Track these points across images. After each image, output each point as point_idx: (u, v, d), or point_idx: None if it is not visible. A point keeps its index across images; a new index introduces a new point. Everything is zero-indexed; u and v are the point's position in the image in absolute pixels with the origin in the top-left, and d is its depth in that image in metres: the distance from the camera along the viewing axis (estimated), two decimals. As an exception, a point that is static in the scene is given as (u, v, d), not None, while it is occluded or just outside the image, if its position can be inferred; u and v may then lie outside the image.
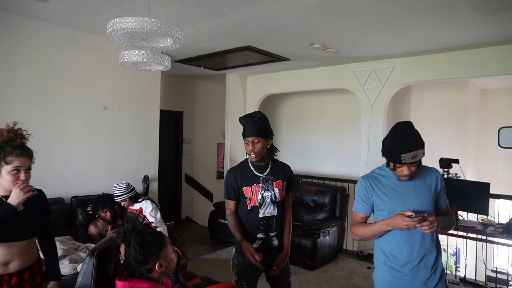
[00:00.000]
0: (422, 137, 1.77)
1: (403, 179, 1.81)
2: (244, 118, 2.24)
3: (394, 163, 1.76)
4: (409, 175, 1.76)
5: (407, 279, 1.81)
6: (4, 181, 1.71)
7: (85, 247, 3.27)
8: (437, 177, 1.91)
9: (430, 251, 1.82)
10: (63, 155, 3.84)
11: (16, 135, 1.77)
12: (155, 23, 2.07)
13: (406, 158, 1.69)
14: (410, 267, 1.80)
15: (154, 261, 1.51)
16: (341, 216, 5.03)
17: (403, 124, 1.80)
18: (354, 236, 1.94)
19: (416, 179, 1.84)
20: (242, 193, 2.24)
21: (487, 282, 4.26)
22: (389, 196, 1.83)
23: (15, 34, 3.49)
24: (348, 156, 6.23)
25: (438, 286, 1.83)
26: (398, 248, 1.82)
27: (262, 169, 2.25)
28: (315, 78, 5.56)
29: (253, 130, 2.14)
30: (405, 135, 1.73)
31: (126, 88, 4.45)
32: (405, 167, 1.74)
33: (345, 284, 4.02)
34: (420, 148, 1.72)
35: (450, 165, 4.30)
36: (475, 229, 3.73)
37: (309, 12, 3.24)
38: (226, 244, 5.22)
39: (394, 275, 1.84)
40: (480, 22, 3.36)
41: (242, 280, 2.22)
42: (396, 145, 1.74)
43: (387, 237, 1.84)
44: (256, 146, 2.15)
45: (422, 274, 1.80)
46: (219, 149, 7.43)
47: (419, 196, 1.81)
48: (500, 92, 6.48)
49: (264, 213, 2.22)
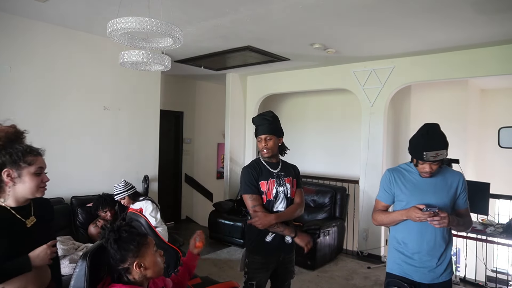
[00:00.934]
0: (447, 139, 1.92)
1: (424, 176, 1.97)
2: (257, 117, 2.36)
3: (417, 160, 1.93)
4: (430, 172, 1.92)
5: (415, 265, 2.00)
6: (25, 187, 1.44)
7: (85, 247, 3.27)
8: (459, 180, 2.04)
9: (439, 244, 1.98)
10: (63, 155, 3.84)
11: (18, 133, 1.53)
12: (155, 23, 2.07)
13: (428, 156, 1.85)
14: (418, 256, 1.98)
15: (131, 259, 1.39)
16: (341, 216, 5.03)
17: (430, 125, 1.98)
18: (374, 221, 2.16)
19: (437, 178, 2.00)
20: (259, 187, 2.27)
21: (487, 282, 4.27)
22: (409, 189, 2.01)
23: (15, 34, 3.49)
24: (348, 156, 6.22)
25: (443, 276, 1.99)
26: (409, 237, 2.01)
27: (274, 166, 2.32)
28: (315, 78, 5.56)
29: (265, 128, 2.26)
30: (430, 134, 1.92)
31: (126, 88, 4.45)
32: (427, 164, 1.90)
33: (345, 284, 4.02)
34: (443, 149, 1.87)
35: (450, 165, 4.29)
36: (475, 229, 3.73)
37: (309, 12, 3.24)
38: (226, 244, 5.22)
39: (403, 260, 2.03)
40: (480, 22, 3.36)
41: (252, 280, 2.22)
42: (420, 143, 1.91)
43: (401, 226, 2.03)
44: (268, 143, 2.25)
45: (429, 263, 1.98)
46: (219, 149, 7.43)
47: (436, 194, 1.97)
48: (500, 92, 6.48)
49: (277, 208, 2.25)
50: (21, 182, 1.43)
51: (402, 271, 2.04)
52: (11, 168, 1.43)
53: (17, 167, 1.43)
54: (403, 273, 2.04)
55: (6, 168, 1.42)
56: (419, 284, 2.01)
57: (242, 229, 5.01)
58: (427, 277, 1.99)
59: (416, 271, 2.00)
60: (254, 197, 2.22)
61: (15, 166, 1.43)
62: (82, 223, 3.67)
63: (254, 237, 2.25)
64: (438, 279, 2.00)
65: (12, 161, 1.43)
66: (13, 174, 1.43)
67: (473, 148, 6.18)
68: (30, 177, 1.44)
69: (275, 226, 2.18)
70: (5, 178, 1.42)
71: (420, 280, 2.00)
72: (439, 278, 2.00)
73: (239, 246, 5.09)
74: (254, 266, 2.23)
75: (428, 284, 2.00)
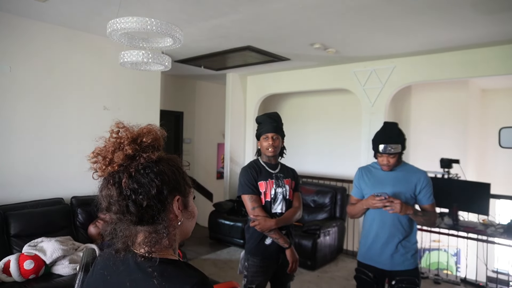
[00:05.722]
0: (404, 136, 2.20)
1: (384, 169, 2.24)
2: (263, 116, 2.39)
3: (375, 152, 2.23)
4: (387, 165, 2.19)
5: (376, 252, 2.23)
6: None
7: (85, 247, 3.27)
8: (420, 178, 2.21)
9: (399, 232, 2.19)
10: (63, 155, 3.84)
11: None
12: (155, 23, 2.07)
13: (383, 148, 2.14)
14: (379, 243, 2.21)
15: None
16: (342, 217, 5.03)
17: (388, 123, 2.30)
18: (348, 214, 2.45)
19: (398, 173, 2.24)
20: (258, 187, 2.26)
21: (488, 282, 4.26)
22: (372, 183, 2.29)
23: (15, 34, 3.49)
24: (348, 156, 6.22)
25: (405, 264, 2.18)
26: (372, 226, 2.26)
27: (273, 167, 2.32)
28: (315, 78, 5.56)
29: (273, 126, 2.29)
30: (387, 130, 2.21)
31: (126, 88, 4.45)
32: (384, 157, 2.18)
33: (345, 284, 4.01)
34: (397, 143, 2.14)
35: (451, 165, 4.30)
36: (475, 230, 3.72)
37: (309, 12, 3.23)
38: (226, 244, 5.22)
39: (368, 247, 2.27)
40: (480, 22, 3.35)
41: (252, 283, 2.21)
42: (377, 137, 2.22)
43: (368, 217, 2.30)
44: (275, 142, 2.28)
45: (388, 249, 2.19)
46: (219, 149, 7.43)
47: (395, 186, 2.20)
48: (501, 92, 6.47)
49: (276, 209, 2.24)
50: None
51: (367, 258, 2.28)
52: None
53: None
54: (368, 260, 2.27)
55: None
56: (383, 271, 2.22)
57: (242, 229, 5.00)
58: (386, 264, 2.20)
59: (378, 257, 2.22)
60: (254, 198, 2.21)
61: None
62: (82, 223, 3.66)
63: (253, 240, 2.24)
64: (399, 267, 2.18)
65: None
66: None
67: (474, 148, 6.17)
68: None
69: (272, 232, 2.18)
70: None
71: (381, 267, 2.21)
72: (400, 265, 2.18)
73: (239, 246, 5.09)
74: (254, 269, 2.22)
75: (390, 271, 2.21)
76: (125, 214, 0.88)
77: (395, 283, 2.18)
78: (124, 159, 0.91)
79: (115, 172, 0.91)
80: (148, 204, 0.88)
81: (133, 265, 0.89)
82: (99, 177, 0.95)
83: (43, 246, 3.02)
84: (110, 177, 0.91)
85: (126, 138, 0.93)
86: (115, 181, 0.89)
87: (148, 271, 0.86)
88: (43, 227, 3.31)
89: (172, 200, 0.94)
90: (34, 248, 2.98)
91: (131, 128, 0.97)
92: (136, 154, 0.92)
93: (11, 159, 3.48)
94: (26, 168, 3.59)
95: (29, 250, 2.95)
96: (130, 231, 0.92)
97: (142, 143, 0.93)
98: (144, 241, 0.90)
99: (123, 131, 0.96)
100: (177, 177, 0.97)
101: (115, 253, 0.93)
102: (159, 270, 0.86)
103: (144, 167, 0.90)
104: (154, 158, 0.93)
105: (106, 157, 0.92)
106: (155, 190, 0.89)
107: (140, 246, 0.91)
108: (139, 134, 0.95)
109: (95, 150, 0.96)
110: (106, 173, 0.92)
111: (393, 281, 2.19)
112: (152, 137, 0.96)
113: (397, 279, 2.17)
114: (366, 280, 2.26)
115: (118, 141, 0.93)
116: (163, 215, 0.91)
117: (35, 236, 3.17)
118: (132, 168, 0.90)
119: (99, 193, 0.94)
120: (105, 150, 0.93)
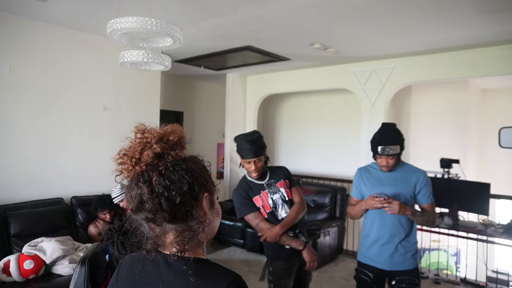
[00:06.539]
0: (403, 137, 2.19)
1: (384, 170, 2.22)
2: (241, 138, 2.26)
3: (374, 154, 2.21)
4: (386, 166, 2.18)
5: (375, 252, 2.23)
6: None
7: (85, 247, 3.26)
8: (419, 177, 2.20)
9: (399, 232, 2.19)
10: (63, 155, 3.84)
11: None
12: (155, 23, 2.07)
13: (382, 150, 2.12)
14: (379, 243, 2.21)
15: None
16: (342, 217, 5.03)
17: (386, 124, 2.29)
18: (348, 215, 2.43)
19: (397, 173, 2.23)
20: (254, 204, 2.27)
21: (488, 282, 4.26)
22: (371, 183, 2.27)
23: (15, 34, 3.49)
24: (349, 156, 6.21)
25: (405, 264, 2.18)
26: (372, 227, 2.26)
27: (262, 177, 2.31)
28: (315, 78, 5.56)
29: (253, 151, 2.19)
30: (384, 131, 2.21)
31: (126, 88, 4.45)
32: (383, 158, 2.17)
33: (345, 284, 4.01)
34: (395, 144, 2.13)
35: (451, 165, 4.30)
36: (475, 230, 3.72)
37: (309, 12, 3.23)
38: (226, 244, 5.22)
39: (368, 247, 2.27)
40: (480, 22, 3.35)
41: (279, 287, 2.23)
42: (376, 139, 2.20)
43: (368, 217, 2.29)
44: (257, 165, 2.23)
45: (388, 249, 2.19)
46: (219, 149, 7.42)
47: (395, 187, 2.19)
48: (501, 92, 6.47)
49: (281, 215, 2.25)
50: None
51: (367, 258, 2.27)
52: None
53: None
54: (368, 260, 2.26)
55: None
56: (382, 271, 2.22)
57: (242, 229, 5.00)
58: (386, 264, 2.19)
59: (378, 257, 2.21)
60: (255, 215, 2.22)
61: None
62: (82, 223, 3.66)
63: (273, 245, 2.25)
64: (399, 267, 2.18)
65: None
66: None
67: (474, 148, 6.17)
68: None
69: (282, 239, 2.18)
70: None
71: (381, 267, 2.21)
72: (400, 266, 2.18)
73: (239, 246, 5.09)
74: (278, 272, 2.24)
75: (390, 271, 2.20)
76: (158, 212, 0.86)
77: (395, 283, 2.18)
78: (153, 158, 0.89)
79: (143, 171, 0.89)
80: (181, 200, 0.87)
81: (164, 266, 0.87)
82: (124, 178, 0.93)
83: (43, 246, 3.02)
84: (140, 176, 0.89)
85: (153, 137, 0.92)
86: (145, 179, 0.87)
87: (182, 269, 0.84)
88: (43, 227, 3.31)
89: (202, 197, 0.93)
90: (34, 248, 2.97)
91: (153, 129, 0.95)
92: (164, 152, 0.91)
93: (11, 159, 3.48)
94: (26, 168, 3.58)
95: (29, 250, 2.95)
96: (160, 230, 0.90)
97: (169, 141, 0.92)
98: (176, 240, 0.88)
99: (147, 132, 0.94)
100: (204, 174, 0.96)
101: (146, 254, 0.91)
102: (194, 268, 0.84)
103: (173, 165, 0.89)
104: (182, 155, 0.93)
105: (134, 157, 0.90)
106: (187, 187, 0.88)
107: (172, 245, 0.89)
108: (165, 133, 0.94)
109: (120, 151, 0.93)
110: (133, 173, 0.90)
111: (393, 281, 2.19)
112: (178, 135, 0.95)
113: (397, 279, 2.18)
114: (366, 280, 2.26)
115: (144, 140, 0.92)
116: (195, 212, 0.90)
117: (35, 236, 3.17)
118: (161, 166, 0.89)
119: (127, 194, 0.91)
120: (132, 150, 0.91)
